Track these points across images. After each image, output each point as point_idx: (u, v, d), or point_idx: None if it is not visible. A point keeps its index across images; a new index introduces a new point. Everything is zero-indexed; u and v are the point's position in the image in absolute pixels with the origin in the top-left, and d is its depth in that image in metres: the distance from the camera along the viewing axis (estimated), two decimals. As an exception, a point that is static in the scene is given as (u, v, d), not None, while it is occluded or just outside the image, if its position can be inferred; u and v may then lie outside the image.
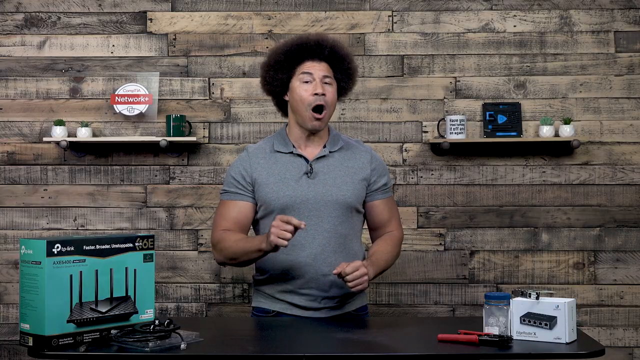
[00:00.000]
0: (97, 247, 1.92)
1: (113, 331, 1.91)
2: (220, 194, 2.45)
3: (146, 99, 3.41)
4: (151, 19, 3.50)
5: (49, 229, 3.48)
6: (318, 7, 3.50)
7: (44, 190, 3.48)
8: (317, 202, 2.34)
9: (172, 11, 3.50)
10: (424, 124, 3.47)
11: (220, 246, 2.36)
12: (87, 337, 1.88)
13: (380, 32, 3.49)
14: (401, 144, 3.48)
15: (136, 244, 2.00)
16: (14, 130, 3.50)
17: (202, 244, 3.47)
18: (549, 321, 1.89)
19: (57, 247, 1.84)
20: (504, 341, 1.86)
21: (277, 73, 2.40)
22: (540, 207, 3.45)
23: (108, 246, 1.94)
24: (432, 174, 3.46)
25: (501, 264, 3.45)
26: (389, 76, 3.48)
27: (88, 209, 3.49)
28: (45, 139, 3.36)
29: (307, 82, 2.35)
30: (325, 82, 2.36)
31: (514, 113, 3.41)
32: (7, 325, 3.48)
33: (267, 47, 3.46)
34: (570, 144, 3.31)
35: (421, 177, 3.46)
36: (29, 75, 3.51)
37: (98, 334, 1.90)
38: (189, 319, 3.26)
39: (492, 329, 1.94)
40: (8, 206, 3.49)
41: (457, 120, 3.33)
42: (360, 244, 2.46)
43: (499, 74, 3.47)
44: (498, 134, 3.40)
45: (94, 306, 1.90)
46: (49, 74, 3.50)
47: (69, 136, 3.39)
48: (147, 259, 2.02)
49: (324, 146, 2.41)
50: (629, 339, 3.43)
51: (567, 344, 1.88)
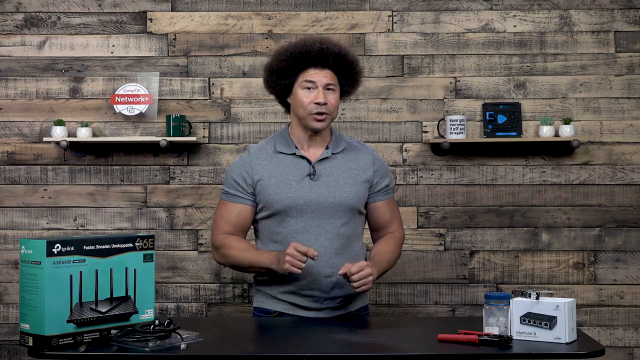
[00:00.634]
0: (97, 247, 1.92)
1: (113, 331, 1.91)
2: (220, 193, 2.45)
3: (146, 99, 3.41)
4: (151, 19, 3.50)
5: (49, 229, 3.48)
6: (318, 7, 3.50)
7: (44, 190, 3.48)
8: (320, 204, 2.34)
9: (172, 11, 3.50)
10: (424, 124, 3.47)
11: (223, 252, 2.38)
12: (87, 337, 1.88)
13: (380, 32, 3.49)
14: (401, 144, 3.48)
15: (136, 244, 2.00)
16: (14, 130, 3.50)
17: (202, 244, 3.47)
18: (549, 321, 1.89)
19: (57, 247, 1.84)
20: (504, 341, 1.86)
21: (280, 79, 2.39)
22: (540, 207, 3.45)
23: (108, 246, 1.94)
24: (432, 174, 3.46)
25: (501, 264, 3.45)
26: (389, 76, 3.48)
27: (88, 209, 3.49)
28: (45, 139, 3.36)
29: (309, 88, 2.35)
30: (328, 89, 2.36)
31: (514, 113, 3.41)
32: (7, 325, 3.48)
33: (267, 47, 3.46)
34: (570, 144, 3.31)
35: (421, 177, 3.46)
36: (29, 75, 3.51)
37: (98, 334, 1.90)
38: (189, 319, 3.26)
39: (492, 329, 1.94)
40: (8, 206, 3.49)
41: (457, 120, 3.33)
42: (362, 245, 2.46)
43: (499, 74, 3.47)
44: (498, 134, 3.40)
45: (94, 306, 1.90)
46: (49, 74, 3.50)
47: (69, 136, 3.39)
48: (147, 259, 2.02)
49: (327, 147, 2.41)
50: (629, 339, 3.43)
51: (567, 344, 1.88)
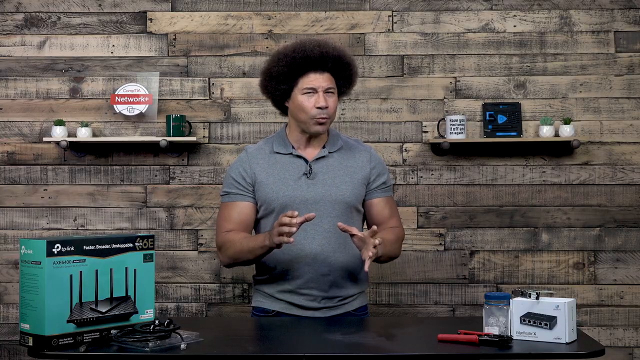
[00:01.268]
0: (97, 247, 1.92)
1: (113, 331, 1.91)
2: (220, 196, 2.45)
3: (146, 99, 3.41)
4: (151, 19, 3.50)
5: (49, 229, 3.48)
6: (318, 7, 3.50)
7: (44, 190, 3.48)
8: (317, 202, 2.34)
9: (172, 11, 3.50)
10: (424, 124, 3.47)
11: (226, 249, 2.37)
12: (87, 337, 1.88)
13: (380, 32, 3.49)
14: (401, 144, 3.48)
15: (136, 244, 2.00)
16: (14, 130, 3.50)
17: (202, 244, 3.47)
18: (549, 321, 1.89)
19: (57, 247, 1.84)
20: (504, 341, 1.86)
21: (280, 84, 2.38)
22: (540, 207, 3.45)
23: (108, 246, 1.94)
24: (432, 174, 3.46)
25: (501, 264, 3.45)
26: (389, 76, 3.48)
27: (88, 209, 3.49)
28: (45, 139, 3.36)
29: (309, 93, 2.35)
30: (328, 93, 2.36)
31: (514, 113, 3.41)
32: (7, 325, 3.48)
33: (267, 47, 3.46)
34: (570, 144, 3.31)
35: (421, 177, 3.46)
36: (29, 75, 3.51)
37: (98, 334, 1.90)
38: (189, 319, 3.26)
39: (492, 329, 1.94)
40: (8, 206, 3.49)
41: (457, 120, 3.33)
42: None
43: (499, 74, 3.47)
44: (498, 134, 3.40)
45: (94, 306, 1.90)
46: (49, 74, 3.50)
47: (69, 136, 3.39)
48: (147, 259, 2.02)
49: (324, 147, 2.42)
50: (629, 339, 3.43)
51: (567, 344, 1.88)
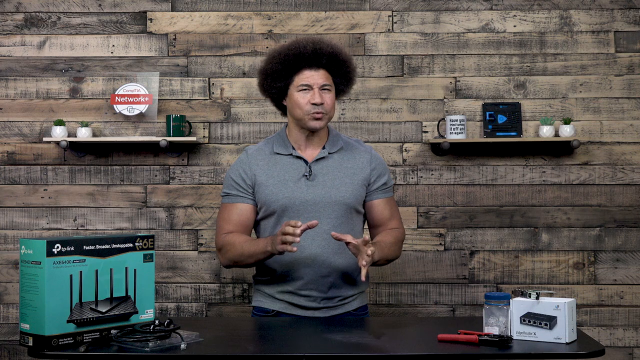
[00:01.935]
0: (97, 247, 1.92)
1: (113, 331, 1.91)
2: (221, 197, 2.45)
3: (146, 99, 3.41)
4: (151, 19, 3.50)
5: (49, 229, 3.48)
6: (318, 7, 3.50)
7: (44, 190, 3.48)
8: (316, 204, 2.34)
9: (172, 11, 3.50)
10: (424, 124, 3.47)
11: (225, 251, 2.37)
12: (87, 337, 1.88)
13: (380, 32, 3.49)
14: (401, 144, 3.48)
15: (136, 244, 2.00)
16: (14, 130, 3.50)
17: (202, 244, 3.47)
18: (549, 321, 1.89)
19: (57, 247, 1.84)
20: (504, 341, 1.86)
21: (275, 82, 2.39)
22: (540, 207, 3.45)
23: (108, 246, 1.94)
24: (432, 174, 3.46)
25: (501, 264, 3.45)
26: (389, 76, 3.48)
27: (88, 209, 3.49)
28: (45, 139, 3.36)
29: (305, 90, 2.35)
30: (324, 89, 2.36)
31: (514, 113, 3.41)
32: (7, 325, 3.48)
33: (267, 47, 3.46)
34: (570, 144, 3.31)
35: (421, 177, 3.46)
36: (29, 75, 3.51)
37: (98, 334, 1.90)
38: (189, 319, 3.26)
39: (492, 329, 1.94)
40: (8, 206, 3.49)
41: (457, 120, 3.33)
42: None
43: (499, 74, 3.47)
44: (498, 134, 3.40)
45: (94, 306, 1.90)
46: (49, 74, 3.50)
47: (69, 136, 3.39)
48: (147, 259, 2.03)
49: (323, 147, 2.42)
50: (629, 339, 3.43)
51: (567, 344, 1.88)
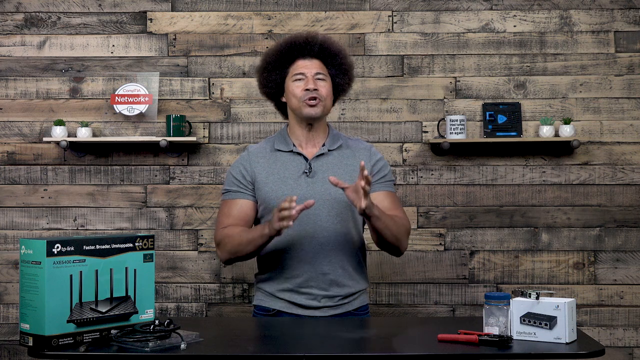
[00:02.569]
0: (97, 247, 1.92)
1: (113, 331, 1.91)
2: (221, 194, 2.45)
3: (146, 99, 3.41)
4: (151, 19, 3.50)
5: (49, 229, 3.48)
6: (318, 7, 3.50)
7: (44, 190, 3.48)
8: (316, 201, 2.34)
9: (172, 11, 3.50)
10: (424, 124, 3.47)
11: (224, 242, 2.35)
12: (87, 337, 1.88)
13: (380, 32, 3.49)
14: (401, 144, 3.48)
15: (136, 244, 2.00)
16: (14, 130, 3.50)
17: (202, 244, 3.47)
18: (549, 321, 1.89)
19: (57, 247, 1.84)
20: (504, 341, 1.86)
21: (271, 74, 2.43)
22: (540, 207, 3.45)
23: (108, 246, 1.94)
24: (432, 174, 3.46)
25: (501, 264, 3.45)
26: (389, 76, 3.48)
27: (88, 209, 3.49)
28: (45, 139, 3.36)
29: (299, 79, 2.37)
30: (318, 78, 2.37)
31: (514, 113, 3.41)
32: (7, 325, 3.48)
33: (267, 47, 3.45)
34: (570, 144, 3.31)
35: (421, 177, 3.46)
36: (29, 75, 3.51)
37: (98, 334, 1.90)
38: (189, 319, 3.26)
39: (492, 329, 1.94)
40: (8, 206, 3.49)
41: (457, 120, 3.33)
42: (362, 243, 2.45)
43: (499, 74, 3.47)
44: (498, 134, 3.40)
45: (94, 306, 1.90)
46: (49, 74, 3.50)
47: (69, 136, 3.39)
48: (147, 259, 2.02)
49: (323, 145, 2.42)
50: (629, 339, 3.43)
51: (567, 344, 1.88)
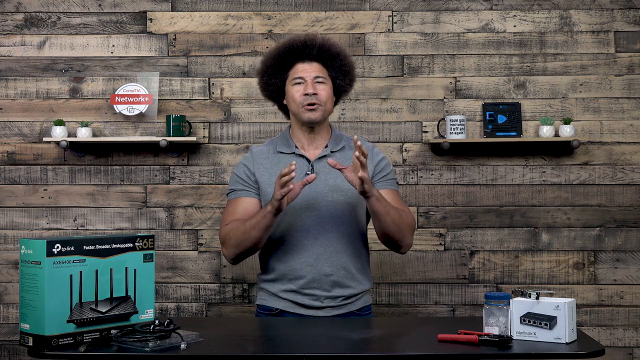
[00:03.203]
0: (97, 247, 1.92)
1: (113, 331, 1.91)
2: (226, 195, 2.46)
3: (146, 99, 3.41)
4: (151, 19, 3.50)
5: (49, 229, 3.48)
6: (318, 7, 3.50)
7: (44, 190, 3.48)
8: (319, 203, 2.34)
9: (172, 11, 3.50)
10: (424, 124, 3.47)
11: (229, 236, 2.33)
12: (87, 337, 1.88)
13: (380, 32, 3.49)
14: (401, 144, 3.48)
15: (136, 244, 2.00)
16: (14, 130, 3.50)
17: (202, 244, 3.47)
18: (549, 321, 1.89)
19: (57, 247, 1.84)
20: (504, 341, 1.86)
21: (271, 78, 2.43)
22: (540, 207, 3.45)
23: (108, 246, 1.94)
24: (432, 174, 3.46)
25: (501, 264, 3.45)
26: (389, 76, 3.48)
27: (88, 209, 3.49)
28: (45, 139, 3.36)
29: (299, 83, 2.37)
30: (318, 82, 2.37)
31: (514, 113, 3.41)
32: (7, 325, 3.48)
33: (267, 47, 3.46)
34: (570, 144, 3.31)
35: (421, 177, 3.46)
36: (29, 75, 3.51)
37: (98, 334, 1.90)
38: (189, 319, 3.26)
39: (492, 329, 1.94)
40: (8, 206, 3.49)
41: (457, 120, 3.33)
42: (365, 244, 2.45)
43: (499, 74, 3.47)
44: (498, 134, 3.40)
45: (94, 306, 1.90)
46: (49, 74, 3.50)
47: (69, 136, 3.39)
48: (147, 259, 2.02)
49: (326, 146, 2.42)
50: (629, 339, 3.43)
51: (567, 344, 1.88)
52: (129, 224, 3.48)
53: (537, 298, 1.92)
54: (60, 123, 3.36)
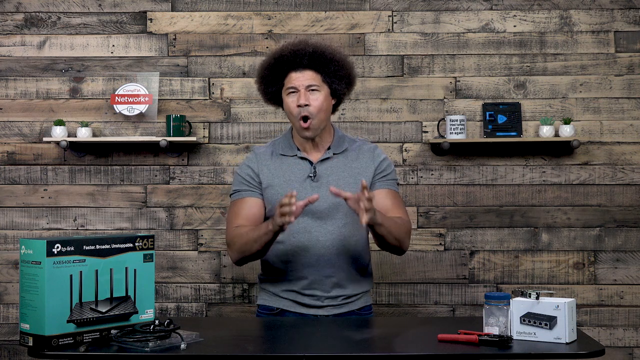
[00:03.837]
0: (97, 247, 1.92)
1: (113, 331, 1.91)
2: (230, 196, 2.46)
3: (146, 99, 3.41)
4: (151, 19, 3.50)
5: (49, 229, 3.48)
6: (318, 7, 3.50)
7: (44, 190, 3.48)
8: (320, 205, 2.34)
9: (172, 11, 3.50)
10: (424, 124, 3.47)
11: (234, 241, 2.35)
12: (87, 337, 1.88)
13: (380, 32, 3.49)
14: (401, 144, 3.48)
15: (136, 244, 2.00)
16: (14, 130, 3.50)
17: (202, 244, 3.47)
18: (549, 321, 1.89)
19: (57, 247, 1.84)
20: (504, 341, 1.86)
21: (268, 87, 2.44)
22: (540, 207, 3.45)
23: (108, 246, 1.94)
24: (432, 174, 3.46)
25: (501, 264, 3.45)
26: (389, 76, 3.48)
27: (88, 209, 3.49)
28: (45, 139, 3.36)
29: (292, 93, 2.36)
30: (311, 90, 2.35)
31: (514, 113, 3.41)
32: (7, 325, 3.48)
33: (267, 47, 3.46)
34: (570, 144, 3.31)
35: (421, 177, 3.46)
36: (29, 75, 3.51)
37: (98, 334, 1.90)
38: (189, 319, 3.26)
39: (492, 329, 1.94)
40: (8, 206, 3.49)
41: (457, 120, 3.33)
42: (366, 246, 2.46)
43: (499, 74, 3.47)
44: (498, 134, 3.40)
45: (94, 306, 1.90)
46: (49, 74, 3.50)
47: (69, 136, 3.39)
48: (147, 259, 2.03)
49: (328, 148, 2.42)
50: (629, 339, 3.43)
51: (567, 344, 1.88)
52: (129, 224, 3.48)
53: (537, 298, 1.92)
54: (60, 123, 3.36)
